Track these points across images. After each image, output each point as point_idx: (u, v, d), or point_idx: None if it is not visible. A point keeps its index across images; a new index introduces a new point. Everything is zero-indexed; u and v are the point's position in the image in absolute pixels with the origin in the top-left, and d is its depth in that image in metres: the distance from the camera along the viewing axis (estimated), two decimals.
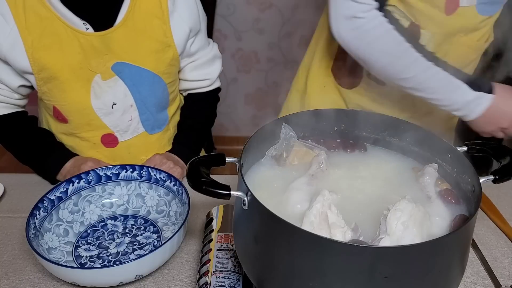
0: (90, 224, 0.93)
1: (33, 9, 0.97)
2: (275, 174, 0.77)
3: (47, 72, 1.00)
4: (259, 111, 2.66)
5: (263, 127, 0.76)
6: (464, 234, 0.62)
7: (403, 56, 0.96)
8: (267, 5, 2.32)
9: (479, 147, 0.75)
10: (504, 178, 0.68)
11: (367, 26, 0.95)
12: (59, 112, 1.06)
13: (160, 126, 1.16)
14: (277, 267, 0.62)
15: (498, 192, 1.03)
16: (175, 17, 1.06)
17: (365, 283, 0.56)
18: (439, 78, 0.97)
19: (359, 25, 0.95)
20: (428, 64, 0.96)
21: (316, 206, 0.64)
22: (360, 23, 0.94)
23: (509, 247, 0.90)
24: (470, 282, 0.82)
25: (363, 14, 0.94)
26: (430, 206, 0.70)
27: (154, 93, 1.10)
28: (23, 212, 0.97)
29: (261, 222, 0.62)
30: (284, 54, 2.46)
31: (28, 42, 0.97)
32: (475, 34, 1.03)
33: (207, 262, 0.77)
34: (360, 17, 0.94)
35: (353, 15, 0.95)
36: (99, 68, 1.02)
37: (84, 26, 0.99)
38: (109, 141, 1.11)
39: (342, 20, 0.97)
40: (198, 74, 1.18)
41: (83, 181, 0.94)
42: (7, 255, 0.87)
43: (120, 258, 0.86)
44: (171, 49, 1.07)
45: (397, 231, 0.62)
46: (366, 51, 0.98)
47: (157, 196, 0.96)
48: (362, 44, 0.97)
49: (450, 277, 0.63)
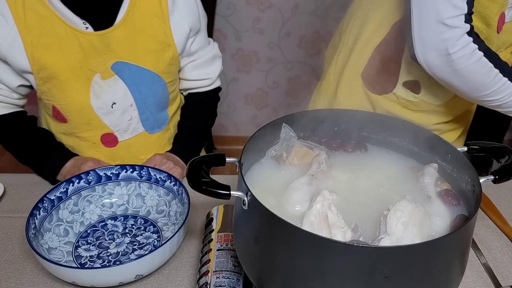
0: (90, 224, 0.93)
1: (32, 8, 0.96)
2: (275, 174, 0.77)
3: (46, 72, 1.00)
4: (259, 111, 2.66)
5: (263, 127, 0.76)
6: (464, 234, 0.62)
7: (492, 82, 0.95)
8: (267, 5, 2.32)
9: (479, 147, 0.75)
10: (504, 178, 0.68)
11: (459, 54, 0.90)
12: (59, 112, 1.06)
13: (160, 126, 1.16)
14: (277, 267, 0.62)
15: (498, 192, 1.03)
16: (175, 16, 1.05)
17: (365, 283, 0.56)
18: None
19: (451, 52, 0.90)
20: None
21: (316, 206, 0.64)
22: (452, 50, 0.89)
23: (509, 247, 0.90)
24: (470, 282, 0.82)
25: (456, 41, 0.89)
26: (430, 206, 0.70)
27: (154, 92, 1.10)
28: (23, 212, 0.97)
29: (261, 222, 0.62)
30: (284, 54, 2.46)
31: (27, 42, 0.97)
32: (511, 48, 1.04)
33: (207, 262, 0.77)
34: (452, 44, 0.89)
35: (444, 41, 0.89)
36: (99, 67, 1.02)
37: (84, 25, 0.99)
38: (108, 141, 1.11)
39: (431, 45, 0.91)
40: (198, 74, 1.18)
41: (83, 181, 0.94)
42: (7, 255, 0.87)
43: (120, 258, 0.86)
44: (171, 48, 1.07)
45: (397, 231, 0.62)
46: (453, 78, 0.95)
47: (157, 196, 0.96)
48: (450, 70, 0.93)
49: (450, 277, 0.62)
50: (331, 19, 2.25)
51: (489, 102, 1.00)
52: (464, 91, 0.98)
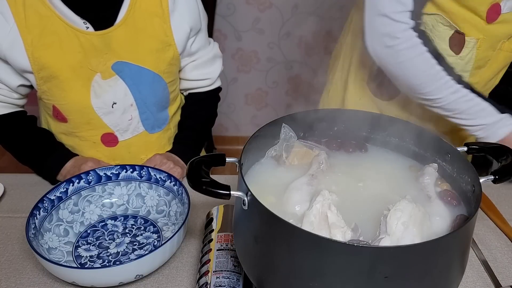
0: (90, 224, 0.93)
1: (33, 7, 0.96)
2: (275, 174, 0.77)
3: (47, 71, 1.00)
4: (259, 111, 2.67)
5: (263, 127, 0.76)
6: (464, 234, 0.62)
7: (434, 79, 0.97)
8: (267, 5, 2.32)
9: (479, 147, 0.75)
10: (504, 178, 0.68)
11: (401, 46, 0.94)
12: (59, 112, 1.06)
13: (160, 126, 1.16)
14: (277, 267, 0.62)
15: (498, 192, 1.03)
16: (176, 16, 1.05)
17: (365, 283, 0.56)
18: (467, 100, 0.98)
19: (394, 44, 0.94)
20: (457, 87, 0.97)
21: (316, 206, 0.64)
22: (395, 42, 0.94)
23: (509, 247, 0.90)
24: (470, 282, 0.82)
25: (399, 34, 0.94)
26: (430, 206, 0.70)
27: (154, 92, 1.10)
28: (23, 212, 0.97)
29: (261, 222, 0.62)
30: (284, 54, 2.46)
31: (28, 41, 0.97)
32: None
33: (207, 262, 0.77)
34: (395, 36, 0.94)
35: (388, 33, 0.94)
36: (99, 67, 1.02)
37: (84, 25, 0.99)
38: (109, 141, 1.11)
39: (377, 36, 0.97)
40: (198, 74, 1.18)
41: (83, 181, 0.94)
42: (7, 255, 0.87)
43: (120, 258, 0.86)
44: (172, 48, 1.07)
45: (397, 231, 0.62)
46: (398, 71, 0.99)
47: (157, 196, 0.96)
48: (395, 62, 0.97)
49: (450, 277, 0.63)
50: (331, 19, 2.25)
51: (432, 103, 1.00)
52: (408, 86, 1.00)
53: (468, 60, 1.03)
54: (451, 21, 0.99)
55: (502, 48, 1.03)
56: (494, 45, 1.02)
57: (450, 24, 0.99)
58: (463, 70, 1.04)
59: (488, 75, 1.09)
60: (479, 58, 1.03)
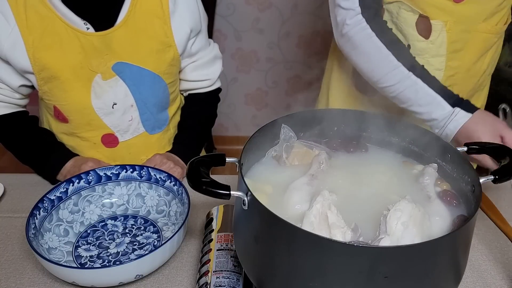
0: (90, 224, 0.93)
1: (34, 8, 0.97)
2: (275, 174, 0.77)
3: (47, 72, 1.00)
4: (259, 111, 2.66)
5: (263, 127, 0.76)
6: (464, 234, 0.62)
7: (382, 64, 0.97)
8: (267, 5, 2.32)
9: (479, 147, 0.75)
10: (504, 178, 0.68)
11: (351, 31, 0.98)
12: (60, 112, 1.06)
13: (160, 126, 1.16)
14: (277, 267, 0.62)
15: (498, 192, 1.03)
16: (176, 17, 1.05)
17: (365, 283, 0.56)
18: (416, 89, 0.96)
19: (346, 30, 0.99)
20: (407, 74, 0.96)
21: (316, 207, 0.64)
22: (346, 29, 0.98)
23: (509, 247, 0.90)
24: (470, 282, 0.82)
25: (348, 21, 0.98)
26: (430, 206, 0.70)
27: (155, 93, 1.10)
28: (23, 212, 0.97)
29: (261, 222, 0.62)
30: (284, 53, 2.46)
31: (29, 42, 0.97)
32: (493, 19, 1.02)
33: (207, 262, 0.77)
34: (345, 23, 0.98)
35: (341, 21, 0.99)
36: (100, 68, 1.02)
37: (85, 26, 0.99)
38: (109, 141, 1.11)
39: (335, 26, 1.03)
40: (198, 75, 1.18)
41: (83, 181, 0.94)
42: (7, 255, 0.87)
43: (120, 258, 0.86)
44: (172, 49, 1.07)
45: (397, 231, 0.62)
46: (352, 56, 1.02)
47: (157, 196, 0.96)
48: (349, 49, 1.01)
49: (450, 277, 0.63)
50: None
51: (388, 93, 1.00)
52: (363, 73, 1.02)
53: (440, 44, 1.01)
54: (413, 6, 0.98)
55: (478, 29, 1.01)
56: (469, 27, 1.00)
57: (412, 9, 0.99)
58: (438, 55, 1.03)
59: (469, 59, 1.06)
60: (452, 41, 1.01)
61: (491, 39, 1.05)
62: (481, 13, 1.00)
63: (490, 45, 1.07)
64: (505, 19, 1.05)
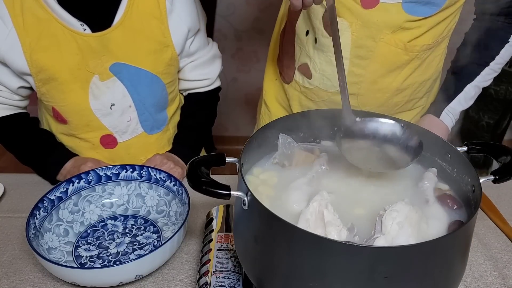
0: (90, 224, 0.93)
1: (31, 10, 0.96)
2: (275, 174, 0.77)
3: (45, 74, 1.00)
4: None
5: (263, 127, 0.76)
6: (464, 234, 0.62)
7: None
8: (267, 5, 2.32)
9: (479, 147, 0.75)
10: (504, 178, 0.68)
11: None
12: (58, 113, 1.06)
13: (159, 127, 1.16)
14: (277, 267, 0.62)
15: (498, 192, 1.03)
16: (173, 17, 1.05)
17: (364, 283, 0.56)
18: None
19: None
20: None
21: (313, 205, 0.64)
22: None
23: (509, 247, 0.90)
24: (470, 282, 0.82)
25: None
26: (428, 209, 0.70)
27: (153, 93, 1.10)
28: (23, 212, 0.97)
29: (261, 222, 0.62)
30: None
31: (26, 44, 0.97)
32: (404, 34, 0.96)
33: (207, 262, 0.77)
34: None
35: None
36: (97, 69, 1.02)
37: (82, 27, 0.99)
38: (108, 142, 1.11)
39: None
40: (198, 74, 1.18)
41: (83, 181, 0.94)
42: (7, 255, 0.87)
43: (120, 258, 0.86)
44: (170, 49, 1.07)
45: (392, 230, 0.61)
46: None
47: (157, 196, 0.96)
48: None
49: (450, 277, 0.63)
50: None
51: None
52: None
53: (344, 45, 0.95)
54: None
55: (385, 40, 0.96)
56: (374, 34, 0.96)
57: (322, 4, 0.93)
58: None
59: (374, 69, 1.00)
60: (356, 45, 0.97)
61: (400, 55, 0.99)
62: (389, 24, 0.95)
63: (401, 62, 1.00)
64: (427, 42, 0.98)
